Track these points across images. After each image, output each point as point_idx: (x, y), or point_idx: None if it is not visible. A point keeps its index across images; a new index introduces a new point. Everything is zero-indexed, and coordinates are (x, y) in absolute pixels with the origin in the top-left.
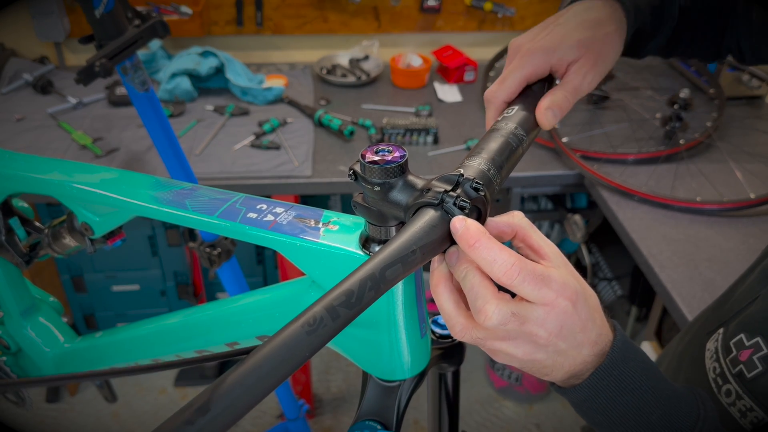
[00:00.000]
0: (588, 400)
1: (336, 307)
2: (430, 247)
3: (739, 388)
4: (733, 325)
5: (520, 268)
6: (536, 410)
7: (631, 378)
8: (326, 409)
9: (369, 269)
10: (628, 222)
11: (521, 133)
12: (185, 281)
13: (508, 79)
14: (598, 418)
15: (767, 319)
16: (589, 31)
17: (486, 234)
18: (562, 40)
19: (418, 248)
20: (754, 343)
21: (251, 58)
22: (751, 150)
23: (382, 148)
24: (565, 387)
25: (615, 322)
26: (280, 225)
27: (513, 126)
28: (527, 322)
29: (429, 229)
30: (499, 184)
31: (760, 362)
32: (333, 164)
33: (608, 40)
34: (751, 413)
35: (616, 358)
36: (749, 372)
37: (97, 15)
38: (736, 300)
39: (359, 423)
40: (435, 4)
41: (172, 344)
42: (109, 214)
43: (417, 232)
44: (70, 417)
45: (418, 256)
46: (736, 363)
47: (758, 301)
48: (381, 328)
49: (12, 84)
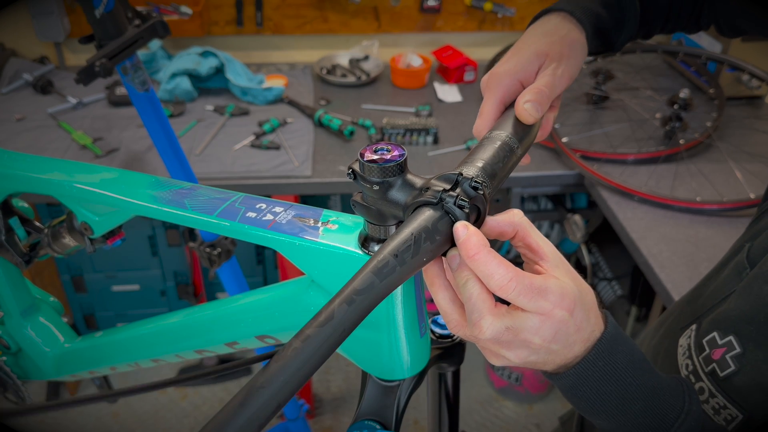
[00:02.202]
0: (573, 388)
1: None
2: (432, 250)
3: (711, 387)
4: (706, 322)
5: (517, 282)
6: (536, 410)
7: (615, 369)
8: (326, 409)
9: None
10: (628, 222)
11: (514, 141)
12: (185, 281)
13: (484, 111)
14: (582, 405)
15: (740, 318)
16: (543, 39)
17: (486, 246)
18: (521, 56)
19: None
20: (727, 341)
21: (251, 58)
22: (751, 150)
23: (381, 147)
24: (553, 373)
25: (607, 314)
26: (279, 224)
27: (505, 135)
28: (522, 333)
29: (432, 231)
30: (495, 186)
31: (733, 361)
32: (333, 164)
33: (566, 41)
34: (724, 410)
35: (603, 351)
36: (722, 371)
37: (97, 15)
38: (710, 295)
39: (358, 423)
40: (435, 4)
41: (172, 344)
42: (109, 213)
43: (419, 234)
44: (70, 417)
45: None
46: (708, 361)
47: (731, 298)
48: (380, 327)
49: (12, 84)
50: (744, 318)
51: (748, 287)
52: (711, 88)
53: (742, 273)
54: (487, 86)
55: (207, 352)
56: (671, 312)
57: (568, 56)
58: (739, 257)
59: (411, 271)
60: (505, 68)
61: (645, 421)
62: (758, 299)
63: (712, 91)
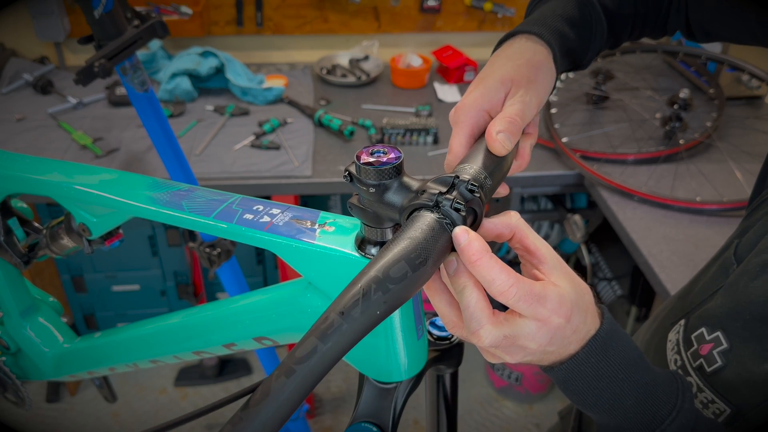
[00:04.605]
0: (566, 381)
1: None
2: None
3: (699, 381)
4: (694, 317)
5: (518, 289)
6: (536, 410)
7: (609, 366)
8: (326, 409)
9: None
10: (628, 222)
11: (481, 181)
12: (185, 281)
13: (453, 146)
14: (575, 398)
15: (727, 314)
16: (507, 64)
17: (488, 252)
18: (486, 85)
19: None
20: (714, 337)
21: (251, 58)
22: (750, 150)
23: (377, 149)
24: (548, 366)
25: (604, 309)
26: (276, 226)
27: (472, 175)
28: (519, 339)
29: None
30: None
31: (720, 357)
32: (333, 164)
33: (532, 64)
34: (713, 405)
35: (596, 348)
36: (709, 366)
37: (96, 15)
38: (699, 291)
39: (355, 425)
40: (435, 4)
41: (170, 345)
42: (107, 215)
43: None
44: (70, 417)
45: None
46: (696, 357)
47: (719, 294)
48: (377, 330)
49: (12, 84)
50: (730, 314)
51: (735, 284)
52: (711, 88)
53: (729, 269)
54: (454, 120)
55: (205, 353)
56: (664, 308)
57: (535, 80)
58: (727, 254)
59: (371, 322)
60: (470, 100)
61: (637, 417)
62: (744, 296)
63: (712, 91)
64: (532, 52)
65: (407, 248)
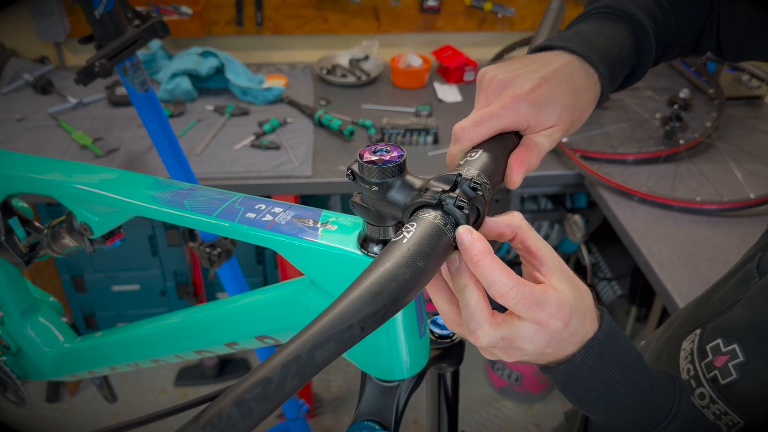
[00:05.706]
0: (563, 382)
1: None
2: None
3: (712, 393)
4: (710, 328)
5: (518, 291)
6: (536, 410)
7: (604, 368)
8: (326, 409)
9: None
10: (628, 222)
11: (484, 180)
12: (185, 281)
13: (483, 125)
14: (572, 398)
15: (745, 327)
16: (572, 99)
17: (491, 253)
18: (549, 102)
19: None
20: (731, 350)
21: (251, 58)
22: (750, 150)
23: (380, 147)
24: (545, 366)
25: (603, 311)
26: (278, 225)
27: (475, 172)
28: (517, 341)
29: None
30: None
31: (736, 370)
32: (333, 164)
33: (585, 108)
34: (725, 417)
35: (593, 351)
36: (723, 378)
37: (96, 15)
38: (717, 301)
39: (357, 423)
40: (435, 4)
41: (172, 344)
42: (108, 214)
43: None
44: (70, 417)
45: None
46: (711, 368)
47: (738, 306)
48: (380, 328)
49: (12, 84)
50: (749, 327)
51: (755, 297)
52: (711, 88)
53: (751, 282)
54: (500, 100)
55: (206, 353)
56: (679, 315)
57: (574, 126)
58: (750, 266)
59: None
60: (529, 98)
61: (633, 419)
62: (764, 310)
63: (712, 91)
64: (594, 94)
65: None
